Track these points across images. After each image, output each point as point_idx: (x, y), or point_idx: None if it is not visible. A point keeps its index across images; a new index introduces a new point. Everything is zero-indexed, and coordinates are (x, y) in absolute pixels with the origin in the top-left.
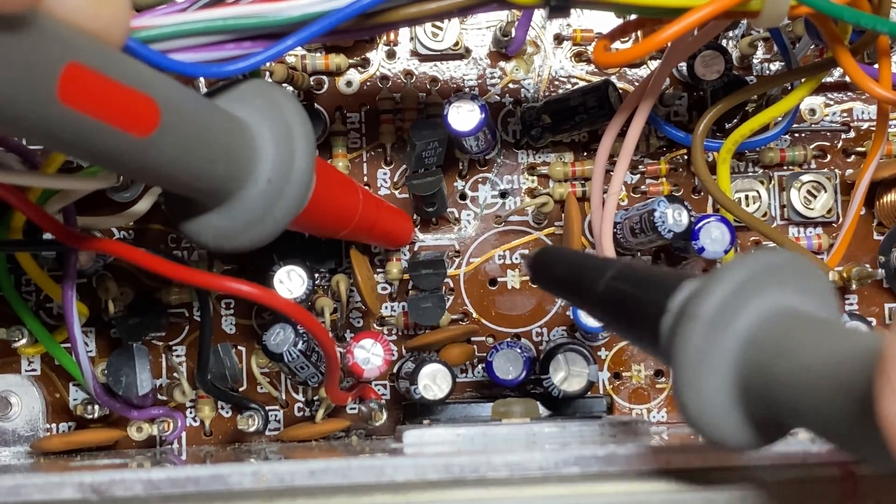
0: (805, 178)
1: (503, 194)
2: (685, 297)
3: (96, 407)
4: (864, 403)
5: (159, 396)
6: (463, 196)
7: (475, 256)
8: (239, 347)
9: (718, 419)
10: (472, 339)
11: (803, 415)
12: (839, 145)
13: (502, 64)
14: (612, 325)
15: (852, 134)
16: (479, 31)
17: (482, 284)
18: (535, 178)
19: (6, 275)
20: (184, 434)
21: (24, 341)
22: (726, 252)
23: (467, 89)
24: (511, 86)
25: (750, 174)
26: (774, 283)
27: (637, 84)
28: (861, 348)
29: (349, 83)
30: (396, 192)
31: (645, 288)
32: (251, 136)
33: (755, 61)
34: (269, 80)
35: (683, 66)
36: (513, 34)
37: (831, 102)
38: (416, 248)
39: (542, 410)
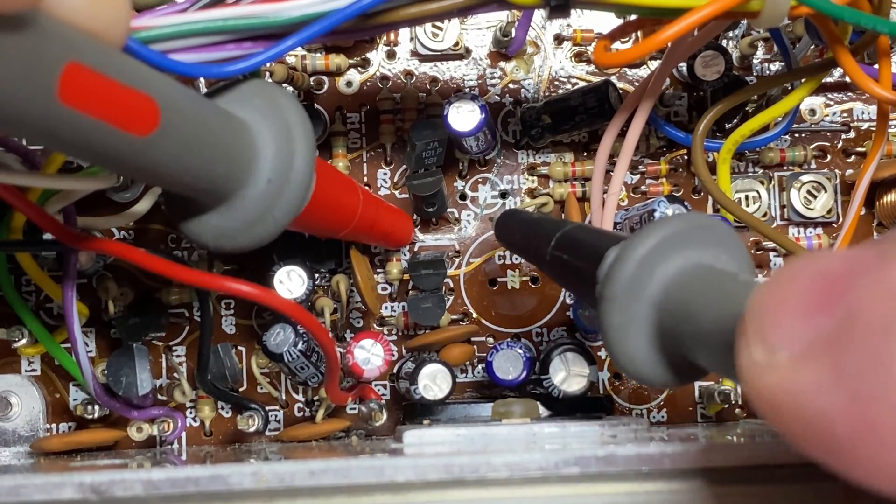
0: (805, 178)
1: (503, 194)
2: (607, 268)
3: (96, 407)
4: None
5: (159, 396)
6: (463, 196)
7: (475, 256)
8: (239, 347)
9: (647, 369)
10: (472, 339)
11: (708, 364)
12: (839, 145)
13: (502, 64)
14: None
15: (852, 134)
16: (479, 31)
17: (482, 284)
18: (535, 178)
19: (6, 275)
20: (184, 434)
21: (24, 341)
22: None
23: (467, 89)
24: (511, 86)
25: (750, 174)
26: (678, 246)
27: (637, 84)
28: (742, 308)
29: (349, 83)
30: (396, 192)
31: (580, 257)
32: (251, 136)
33: (755, 61)
34: (270, 80)
35: (683, 66)
36: (513, 34)
37: (831, 102)
38: (416, 248)
39: (542, 410)
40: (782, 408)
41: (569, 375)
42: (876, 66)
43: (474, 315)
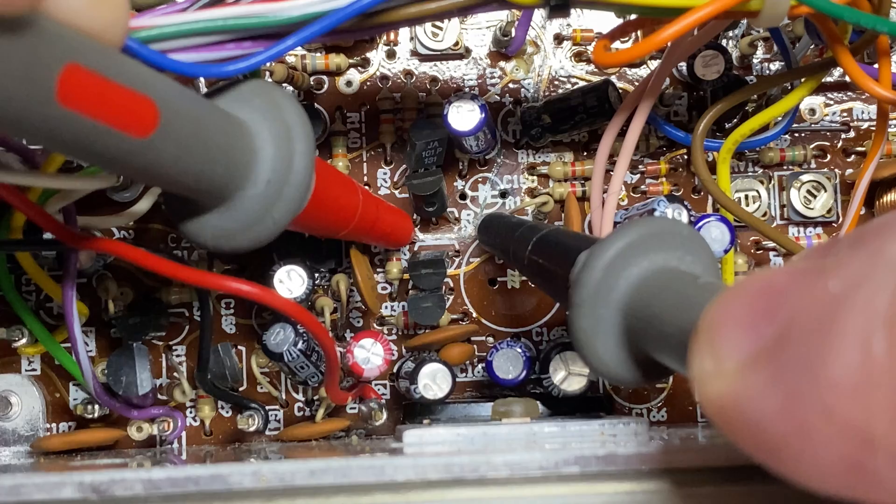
0: (805, 177)
1: (503, 194)
2: (576, 274)
3: (96, 407)
4: None
5: (159, 396)
6: (463, 196)
7: (475, 256)
8: (239, 347)
9: (616, 370)
10: (472, 338)
11: (672, 365)
12: (839, 145)
13: (502, 64)
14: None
15: (852, 134)
16: (479, 30)
17: (482, 284)
18: (535, 177)
19: (6, 275)
20: (184, 434)
21: (24, 341)
22: (726, 252)
23: (467, 89)
24: (511, 86)
25: (750, 174)
26: (643, 250)
27: (637, 84)
28: (700, 311)
29: (349, 83)
30: (396, 192)
31: (554, 261)
32: (250, 136)
33: (755, 61)
34: (269, 80)
35: (683, 66)
36: (513, 34)
37: (831, 102)
38: (416, 248)
39: (542, 410)
40: (726, 413)
41: (569, 375)
42: (876, 66)
43: (474, 314)
